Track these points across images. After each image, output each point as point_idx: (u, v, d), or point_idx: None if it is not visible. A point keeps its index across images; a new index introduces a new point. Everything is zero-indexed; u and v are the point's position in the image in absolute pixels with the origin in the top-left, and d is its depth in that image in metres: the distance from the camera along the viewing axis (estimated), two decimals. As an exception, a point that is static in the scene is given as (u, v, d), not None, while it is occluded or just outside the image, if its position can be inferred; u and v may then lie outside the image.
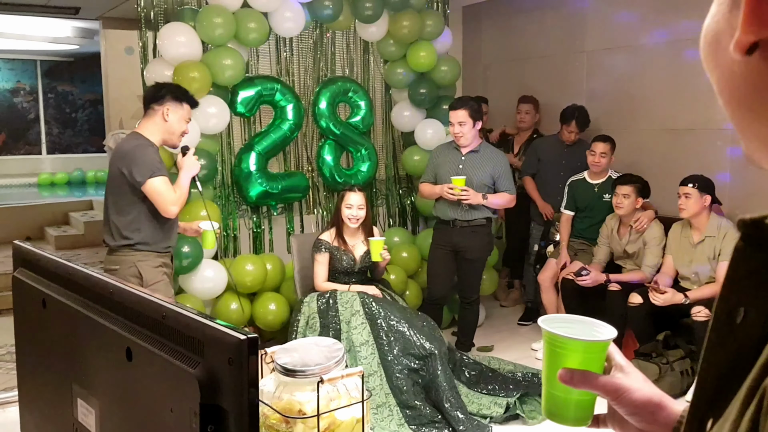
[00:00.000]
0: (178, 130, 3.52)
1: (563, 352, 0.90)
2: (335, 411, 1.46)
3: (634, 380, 0.87)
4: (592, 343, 0.90)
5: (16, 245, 1.46)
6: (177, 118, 3.50)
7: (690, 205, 4.28)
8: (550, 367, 0.92)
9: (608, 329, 0.94)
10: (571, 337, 0.90)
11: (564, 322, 0.95)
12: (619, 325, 4.49)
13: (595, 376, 0.88)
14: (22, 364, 1.42)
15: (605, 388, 0.87)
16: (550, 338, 0.92)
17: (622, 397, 0.85)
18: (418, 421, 3.71)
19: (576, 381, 0.88)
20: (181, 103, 3.50)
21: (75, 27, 10.69)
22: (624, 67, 5.50)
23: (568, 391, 0.90)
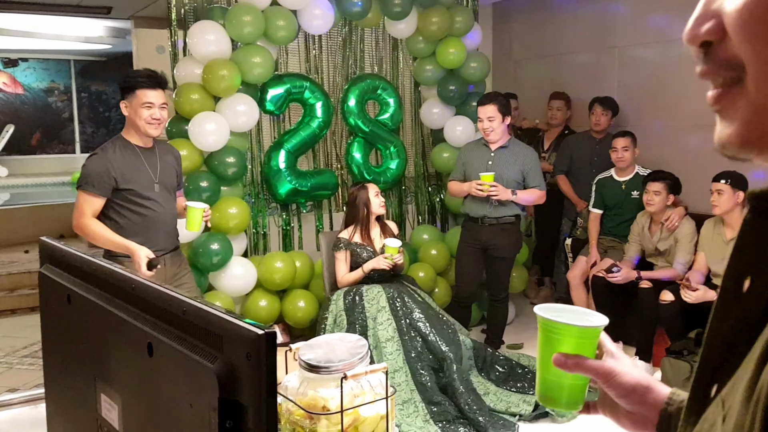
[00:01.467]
0: (138, 120, 3.34)
1: (558, 337, 0.94)
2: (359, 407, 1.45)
3: (624, 365, 0.91)
4: (585, 329, 0.94)
5: (42, 241, 1.47)
6: (132, 110, 3.35)
7: (723, 202, 4.21)
8: (545, 352, 0.95)
9: (599, 317, 0.98)
10: (566, 323, 0.93)
11: (556, 311, 0.98)
12: (650, 322, 4.48)
13: (588, 361, 0.91)
14: (48, 359, 1.44)
15: (597, 372, 0.90)
16: (545, 324, 0.96)
17: (613, 380, 0.89)
18: (443, 417, 3.70)
19: (570, 365, 0.91)
20: (134, 92, 3.34)
21: (107, 26, 10.82)
22: (656, 62, 5.42)
23: (562, 376, 0.94)
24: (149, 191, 3.40)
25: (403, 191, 5.71)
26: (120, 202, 3.35)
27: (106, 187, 3.30)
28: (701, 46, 0.54)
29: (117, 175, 3.31)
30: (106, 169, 3.29)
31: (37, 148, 14.81)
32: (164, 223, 3.48)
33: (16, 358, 5.11)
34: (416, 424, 3.65)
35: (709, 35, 0.52)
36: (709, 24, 0.52)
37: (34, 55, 14.44)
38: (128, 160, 3.36)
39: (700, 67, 0.55)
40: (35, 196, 11.88)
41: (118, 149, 3.37)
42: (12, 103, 14.53)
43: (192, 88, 4.45)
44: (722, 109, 0.55)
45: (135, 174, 3.36)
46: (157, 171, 3.44)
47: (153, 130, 3.38)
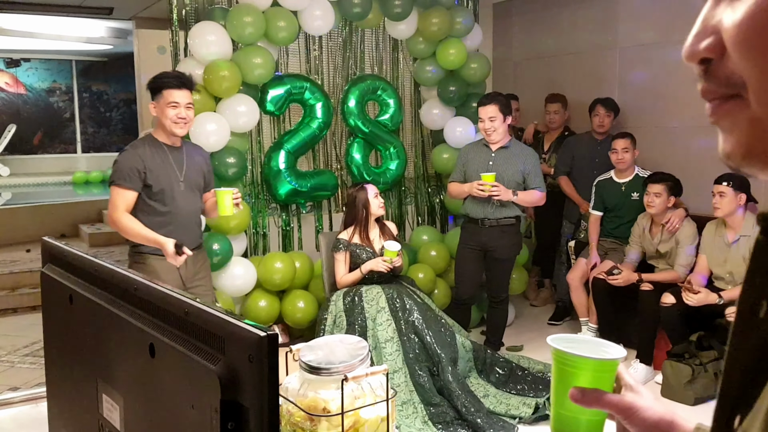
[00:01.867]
0: (167, 120, 3.43)
1: (573, 371, 0.89)
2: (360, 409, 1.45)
3: (646, 399, 0.87)
4: (603, 362, 0.89)
5: (44, 241, 1.48)
6: (159, 109, 3.45)
7: (725, 204, 4.21)
8: (560, 386, 0.91)
9: (616, 348, 0.93)
10: (582, 356, 0.89)
11: (571, 342, 0.94)
12: (651, 325, 4.48)
13: (607, 395, 0.87)
14: (49, 359, 1.44)
15: (618, 407, 0.86)
16: (559, 357, 0.91)
17: (635, 416, 0.84)
18: (442, 419, 3.70)
19: (587, 400, 0.87)
20: (160, 92, 3.45)
21: (109, 27, 10.83)
22: (657, 63, 5.42)
23: (578, 411, 0.89)
24: (174, 189, 3.49)
25: (402, 192, 5.71)
26: (146, 198, 3.43)
27: (137, 181, 3.39)
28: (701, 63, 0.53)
29: (146, 170, 3.40)
30: (136, 164, 3.39)
31: (39, 148, 14.82)
32: (187, 221, 3.57)
33: (17, 357, 5.12)
34: (415, 426, 3.65)
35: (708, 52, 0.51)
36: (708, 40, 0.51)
37: (36, 56, 14.45)
38: (156, 158, 3.45)
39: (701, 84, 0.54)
40: (37, 195, 11.89)
41: (147, 146, 3.47)
42: (14, 103, 14.54)
43: (193, 89, 4.45)
44: (719, 121, 0.54)
45: (162, 171, 3.45)
46: (183, 170, 3.53)
47: (179, 129, 3.48)
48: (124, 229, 3.40)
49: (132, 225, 3.38)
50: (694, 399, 4.08)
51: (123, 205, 3.38)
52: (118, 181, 3.38)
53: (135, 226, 3.38)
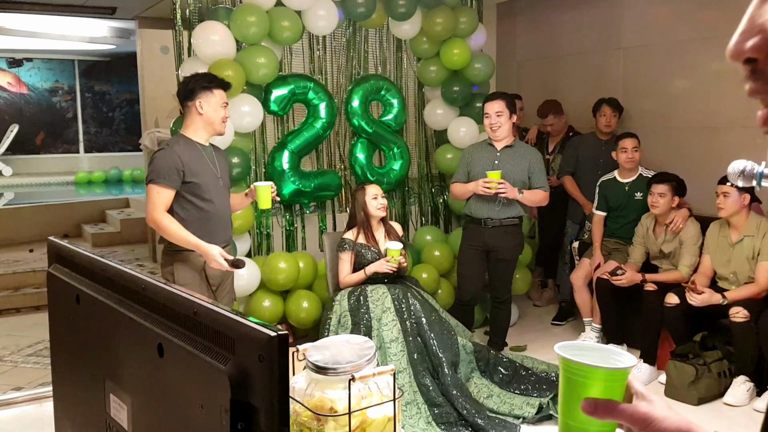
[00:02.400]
0: (217, 119, 3.51)
1: (583, 380, 0.86)
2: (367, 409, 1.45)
3: (661, 408, 0.83)
4: (614, 371, 0.86)
5: (50, 241, 1.48)
6: (211, 108, 3.48)
7: (729, 205, 4.20)
8: (568, 396, 0.88)
9: (627, 356, 0.90)
10: (593, 365, 0.86)
11: (579, 350, 0.91)
12: (655, 325, 4.47)
13: (621, 406, 0.83)
14: (56, 359, 1.44)
15: (633, 418, 0.83)
16: (568, 366, 0.88)
17: (651, 426, 0.81)
18: (445, 420, 3.70)
19: (600, 411, 0.83)
20: (211, 91, 3.48)
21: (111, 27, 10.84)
22: (661, 64, 5.42)
23: (587, 422, 0.86)
24: (213, 186, 3.52)
25: (406, 192, 5.71)
26: (185, 195, 3.44)
27: (176, 179, 3.39)
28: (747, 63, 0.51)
29: (185, 168, 3.41)
30: (174, 162, 3.38)
31: (41, 148, 14.84)
32: (223, 218, 3.60)
33: (20, 357, 5.12)
34: (419, 426, 3.65)
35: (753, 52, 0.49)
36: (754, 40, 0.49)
37: (38, 55, 14.47)
38: (193, 155, 3.47)
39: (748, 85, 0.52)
40: (39, 195, 11.91)
41: (182, 144, 3.48)
42: (16, 103, 14.56)
43: (197, 89, 4.45)
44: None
45: (200, 168, 3.47)
46: (217, 167, 3.58)
47: (224, 128, 3.58)
48: (165, 230, 3.38)
49: (174, 227, 3.36)
50: (698, 399, 4.08)
51: (162, 203, 3.37)
52: (157, 179, 3.35)
53: (177, 229, 3.37)
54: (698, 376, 4.09)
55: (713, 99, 5.03)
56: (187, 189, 3.43)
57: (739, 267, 4.28)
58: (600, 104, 5.40)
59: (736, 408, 4.04)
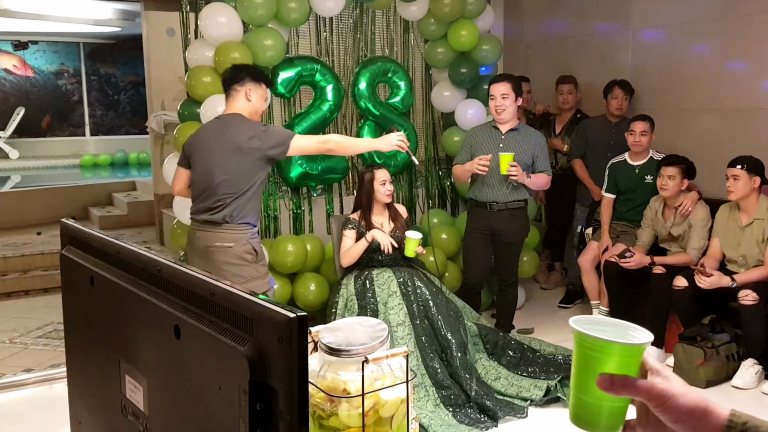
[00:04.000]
0: (261, 109, 3.65)
1: (599, 356, 0.85)
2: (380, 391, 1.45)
3: (678, 385, 0.82)
4: (631, 347, 0.85)
5: (63, 223, 1.47)
6: (258, 98, 3.61)
7: (739, 187, 4.18)
8: (582, 371, 0.86)
9: (643, 332, 0.88)
10: (609, 340, 0.84)
11: (593, 324, 0.89)
12: (663, 308, 4.47)
13: (638, 382, 0.82)
14: (70, 340, 1.44)
15: (649, 394, 0.82)
16: (583, 341, 0.86)
17: (668, 403, 0.81)
18: (453, 402, 3.71)
19: (616, 386, 0.82)
20: (259, 83, 3.62)
21: (116, 9, 10.81)
22: (670, 45, 5.37)
23: (601, 397, 0.85)
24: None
25: (413, 175, 5.69)
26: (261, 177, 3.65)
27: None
28: None
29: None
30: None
31: (48, 131, 14.84)
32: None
33: (30, 339, 5.15)
34: (428, 408, 3.66)
35: None
36: None
37: (43, 38, 14.44)
38: None
39: None
40: (46, 178, 11.93)
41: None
42: (22, 86, 14.55)
43: (204, 71, 4.44)
44: None
45: None
46: None
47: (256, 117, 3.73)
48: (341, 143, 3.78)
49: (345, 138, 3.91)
50: (706, 382, 4.08)
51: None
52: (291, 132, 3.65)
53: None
54: (706, 358, 4.09)
55: (723, 81, 4.99)
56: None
57: (748, 250, 4.26)
58: (612, 86, 5.36)
59: (744, 391, 4.05)
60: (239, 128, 3.52)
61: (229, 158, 3.51)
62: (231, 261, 3.51)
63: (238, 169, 3.51)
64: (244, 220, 3.55)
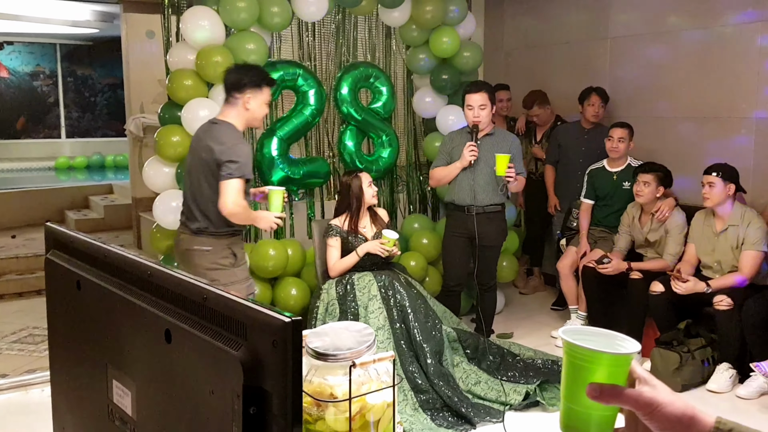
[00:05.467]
0: (260, 116, 3.57)
1: (588, 366, 0.86)
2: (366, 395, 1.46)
3: (665, 393, 0.84)
4: (619, 356, 0.86)
5: (48, 227, 1.46)
6: (258, 105, 3.51)
7: (714, 194, 4.25)
8: (572, 381, 0.88)
9: (631, 342, 0.90)
10: (598, 350, 0.86)
11: (582, 334, 0.91)
12: (640, 313, 4.52)
13: (627, 391, 0.84)
14: (54, 345, 1.43)
15: (638, 403, 0.83)
16: (572, 351, 0.87)
17: (656, 411, 0.82)
18: (431, 406, 3.74)
19: (605, 396, 0.84)
20: (261, 88, 3.51)
21: (94, 11, 10.71)
22: (648, 54, 5.45)
23: (590, 407, 0.86)
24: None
25: (394, 180, 5.71)
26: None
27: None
28: None
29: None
30: (251, 155, 3.51)
31: (22, 133, 14.67)
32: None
33: (4, 344, 5.08)
34: (407, 412, 3.67)
35: None
36: None
37: (19, 39, 14.27)
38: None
39: None
40: (20, 181, 11.79)
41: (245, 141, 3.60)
42: (-4, 87, 14.38)
43: (185, 74, 4.42)
44: None
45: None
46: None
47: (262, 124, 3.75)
48: (243, 211, 3.44)
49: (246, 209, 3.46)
50: (682, 386, 4.13)
51: (243, 193, 3.42)
52: (246, 174, 3.40)
53: (248, 210, 3.47)
54: (682, 363, 4.15)
55: (699, 89, 5.06)
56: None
57: (723, 256, 4.33)
58: (588, 93, 5.41)
59: (718, 395, 4.10)
60: (215, 139, 3.42)
61: (195, 170, 3.48)
62: (207, 265, 3.49)
63: (200, 182, 3.45)
64: (221, 229, 3.50)
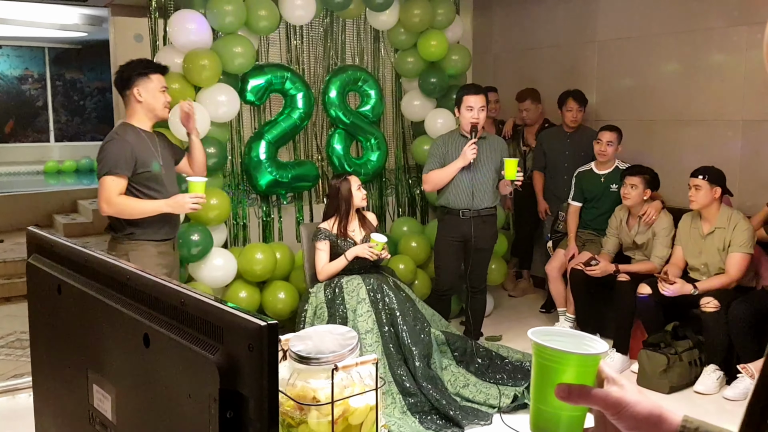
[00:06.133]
0: (157, 105, 3.47)
1: (556, 366, 0.87)
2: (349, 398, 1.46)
3: (632, 393, 0.85)
4: (586, 357, 0.87)
5: (30, 231, 1.46)
6: (150, 94, 3.45)
7: (700, 197, 4.27)
8: (541, 382, 0.88)
9: (599, 342, 0.91)
10: (566, 351, 0.87)
11: (551, 335, 0.91)
12: (627, 315, 4.53)
13: (594, 391, 0.85)
14: (36, 350, 1.42)
15: (606, 403, 0.84)
16: (541, 352, 0.88)
17: (624, 411, 0.83)
18: (419, 409, 3.74)
19: (574, 396, 0.84)
20: (148, 77, 3.44)
21: (83, 14, 10.68)
22: (635, 57, 5.47)
23: (560, 407, 0.87)
24: (160, 173, 3.49)
25: (383, 183, 5.71)
26: (136, 186, 3.41)
27: (130, 166, 3.36)
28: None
29: (137, 157, 3.38)
30: (125, 151, 3.36)
31: (11, 137, 14.58)
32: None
33: (-9, 349, 5.05)
34: (395, 415, 3.67)
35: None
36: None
37: (7, 42, 14.20)
38: (141, 144, 3.43)
39: None
40: (9, 185, 11.72)
41: (130, 134, 3.43)
42: (-16, 91, 14.30)
43: (172, 78, 4.39)
44: None
45: (148, 157, 3.44)
46: (159, 154, 3.52)
47: (167, 113, 3.54)
48: (128, 208, 3.35)
49: (135, 203, 3.36)
50: (669, 388, 4.15)
51: (117, 191, 3.33)
52: (112, 170, 3.32)
53: (138, 203, 3.37)
54: (669, 365, 4.16)
55: (686, 92, 5.09)
56: (138, 179, 3.40)
57: (710, 258, 4.35)
58: (566, 98, 5.41)
59: (706, 396, 4.12)
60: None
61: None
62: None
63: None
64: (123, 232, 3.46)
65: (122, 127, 3.50)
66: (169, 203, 3.42)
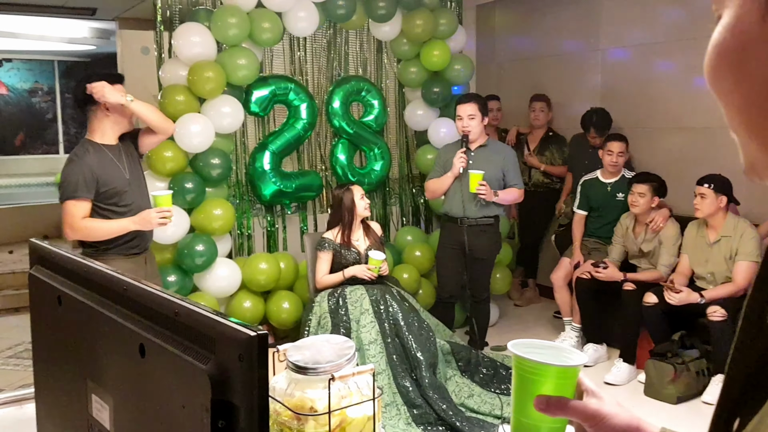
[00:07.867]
0: (125, 113, 3.41)
1: (535, 378, 0.87)
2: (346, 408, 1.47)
3: (610, 405, 0.85)
4: (565, 369, 0.88)
5: (32, 243, 1.48)
6: (113, 109, 3.38)
7: (705, 206, 4.26)
8: (521, 393, 0.89)
9: (578, 354, 0.92)
10: (544, 363, 0.87)
11: (532, 347, 0.92)
12: (634, 324, 4.52)
13: (572, 403, 0.85)
14: (38, 360, 1.44)
15: (584, 414, 0.84)
16: (520, 364, 0.89)
17: (602, 423, 0.83)
18: (425, 420, 3.73)
19: (552, 408, 0.85)
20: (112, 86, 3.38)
21: (91, 27, 10.75)
22: (639, 65, 5.48)
23: (540, 419, 0.87)
24: (125, 188, 3.42)
25: (387, 193, 5.73)
26: (102, 204, 3.35)
27: (91, 187, 3.30)
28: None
29: (98, 177, 3.32)
30: (85, 173, 3.29)
31: (21, 149, 14.69)
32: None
33: (1, 359, 5.08)
34: (400, 427, 3.67)
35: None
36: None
37: (17, 56, 14.33)
38: (102, 161, 3.37)
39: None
40: (19, 196, 11.79)
41: (90, 152, 3.37)
42: (-5, 104, 14.41)
43: (177, 90, 4.45)
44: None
45: (111, 173, 3.38)
46: (125, 167, 3.45)
47: (133, 122, 3.46)
48: (94, 231, 3.31)
49: (100, 224, 3.31)
50: (677, 398, 4.13)
51: (81, 215, 3.29)
52: (72, 194, 3.27)
53: (103, 224, 3.32)
54: (677, 375, 4.14)
55: (691, 100, 5.09)
56: (102, 198, 3.35)
57: (716, 267, 4.33)
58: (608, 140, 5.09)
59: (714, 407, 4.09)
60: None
61: None
62: None
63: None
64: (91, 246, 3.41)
65: (82, 146, 3.42)
66: (135, 221, 3.35)
